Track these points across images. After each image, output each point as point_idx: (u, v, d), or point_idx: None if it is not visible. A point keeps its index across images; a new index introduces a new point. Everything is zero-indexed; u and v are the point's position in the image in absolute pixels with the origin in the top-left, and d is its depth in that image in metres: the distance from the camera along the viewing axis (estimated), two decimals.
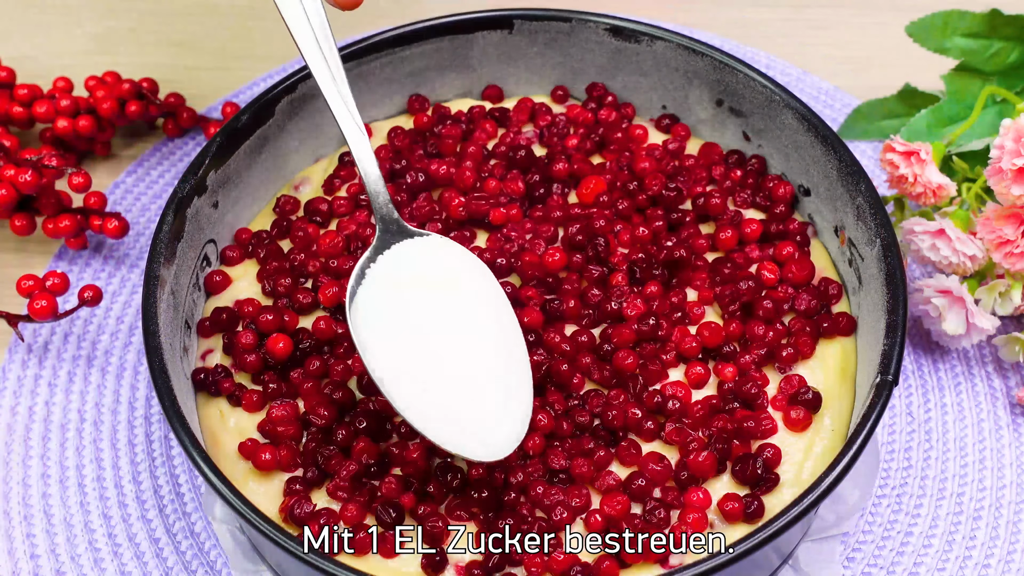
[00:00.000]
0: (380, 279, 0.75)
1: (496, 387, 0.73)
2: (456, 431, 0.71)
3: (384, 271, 0.75)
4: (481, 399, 0.72)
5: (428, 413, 0.71)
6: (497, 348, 0.74)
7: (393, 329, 0.73)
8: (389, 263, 0.76)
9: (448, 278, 0.76)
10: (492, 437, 0.71)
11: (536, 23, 0.95)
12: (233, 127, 0.87)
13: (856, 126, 1.08)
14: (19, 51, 1.16)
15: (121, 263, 1.02)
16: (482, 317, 0.75)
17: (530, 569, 0.73)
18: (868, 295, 0.82)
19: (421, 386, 0.71)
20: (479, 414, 0.72)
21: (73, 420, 0.92)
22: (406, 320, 0.73)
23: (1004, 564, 0.85)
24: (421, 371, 0.72)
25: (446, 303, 0.75)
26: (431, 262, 0.76)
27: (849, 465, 0.71)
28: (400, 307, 0.74)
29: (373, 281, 0.75)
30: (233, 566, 0.82)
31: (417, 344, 0.72)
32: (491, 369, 0.73)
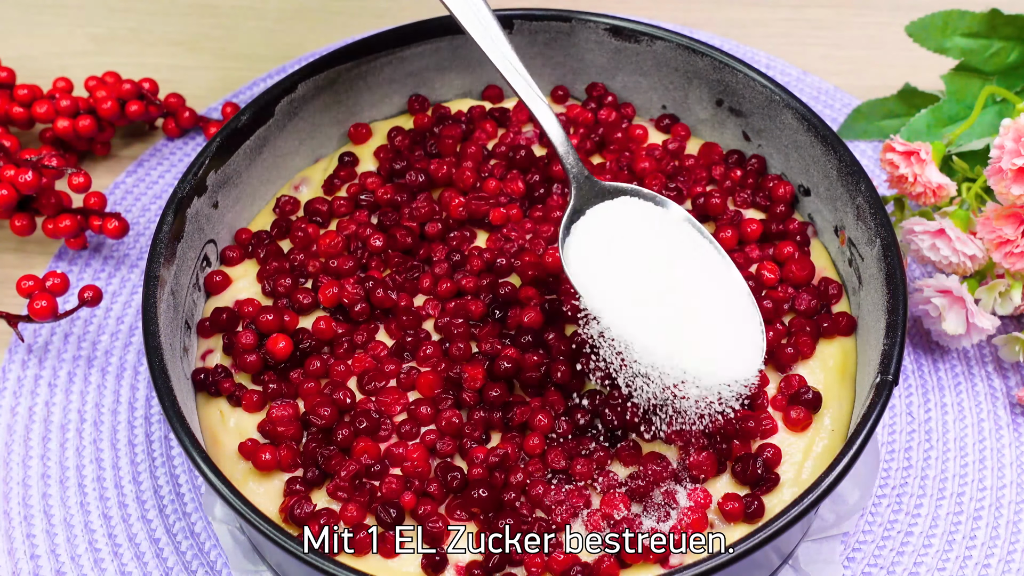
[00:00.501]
0: (587, 232, 0.78)
1: (723, 317, 0.75)
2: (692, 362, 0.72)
3: (590, 225, 0.79)
4: (711, 331, 0.74)
5: (656, 350, 0.72)
6: (714, 281, 0.76)
7: (607, 274, 0.75)
8: (592, 220, 0.79)
9: (651, 228, 0.78)
10: (729, 364, 0.73)
11: (536, 23, 0.95)
12: (233, 127, 0.87)
13: (856, 126, 1.08)
14: (19, 51, 1.16)
15: (121, 263, 1.02)
16: (690, 257, 0.77)
17: (530, 569, 0.73)
18: (868, 295, 0.82)
19: (643, 324, 0.73)
20: (711, 345, 0.73)
21: (73, 420, 0.92)
22: (619, 266, 0.76)
23: (1004, 564, 0.85)
24: (641, 310, 0.73)
25: (653, 249, 0.77)
26: (631, 217, 0.79)
27: (849, 465, 0.71)
28: (610, 256, 0.76)
29: (583, 233, 0.78)
30: (233, 566, 0.82)
31: (634, 286, 0.74)
32: (713, 302, 0.75)
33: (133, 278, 1.00)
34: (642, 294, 0.74)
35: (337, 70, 0.92)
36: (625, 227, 0.78)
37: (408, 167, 0.92)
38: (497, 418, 0.79)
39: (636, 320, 0.73)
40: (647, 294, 0.74)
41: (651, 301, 0.74)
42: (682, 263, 0.76)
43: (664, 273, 0.75)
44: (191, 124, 1.09)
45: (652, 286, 0.74)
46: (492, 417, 0.79)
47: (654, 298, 0.74)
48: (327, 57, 0.92)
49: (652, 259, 0.76)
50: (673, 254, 0.77)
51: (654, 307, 0.74)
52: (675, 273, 0.76)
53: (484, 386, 0.79)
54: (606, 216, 0.79)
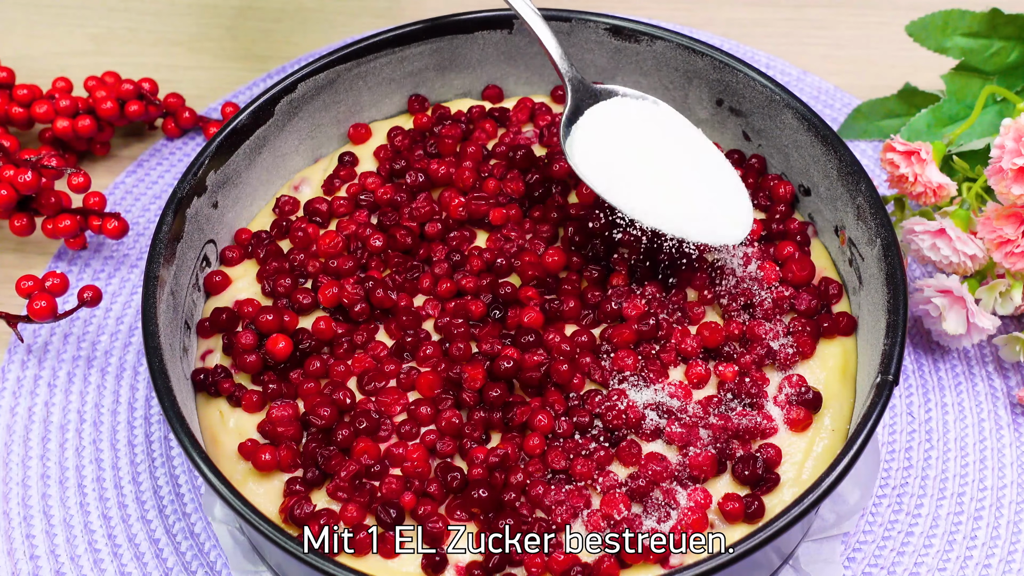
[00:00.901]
0: (587, 129, 0.84)
1: (713, 189, 0.83)
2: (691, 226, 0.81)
3: (588, 124, 0.85)
4: (705, 199, 0.82)
5: (658, 214, 0.81)
6: (703, 160, 0.84)
7: (609, 162, 0.83)
8: (590, 119, 0.85)
9: (644, 120, 0.85)
10: (722, 227, 0.82)
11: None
12: (233, 127, 0.87)
13: (856, 126, 1.08)
14: (19, 51, 1.16)
15: (121, 263, 1.01)
16: (681, 143, 0.85)
17: (530, 569, 0.73)
18: (868, 295, 0.82)
19: (645, 198, 0.81)
20: (707, 210, 0.82)
21: (73, 421, 0.92)
22: (618, 154, 0.83)
23: (1005, 564, 0.85)
24: (640, 188, 0.81)
25: (648, 138, 0.84)
26: (626, 112, 0.86)
27: (849, 465, 0.71)
28: (610, 147, 0.83)
29: (583, 131, 0.84)
30: (233, 566, 0.82)
31: (634, 169, 0.82)
32: (703, 178, 0.83)
33: (133, 278, 1.00)
34: (642, 175, 0.82)
35: (337, 70, 0.92)
36: (621, 122, 0.85)
37: (408, 167, 0.92)
38: (497, 418, 0.79)
39: (639, 197, 0.81)
40: (647, 175, 0.82)
41: (650, 181, 0.82)
42: (674, 148, 0.84)
43: (659, 157, 0.83)
44: (191, 124, 1.09)
45: (650, 168, 0.82)
46: (492, 417, 0.79)
47: (652, 178, 0.82)
48: (327, 57, 0.92)
49: (648, 146, 0.83)
50: (666, 141, 0.84)
51: (653, 186, 0.82)
52: (669, 156, 0.83)
53: (484, 386, 0.79)
54: (603, 114, 0.85)
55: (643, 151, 0.83)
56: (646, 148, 0.83)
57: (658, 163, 0.83)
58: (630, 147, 0.83)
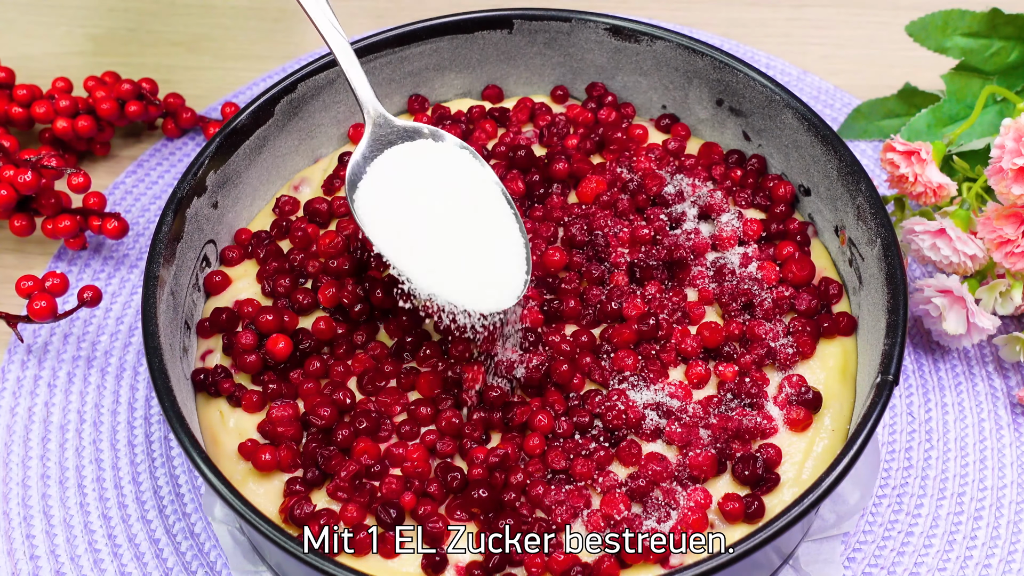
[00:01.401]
0: (379, 175, 0.81)
1: (492, 254, 0.79)
2: (460, 290, 0.77)
3: (382, 168, 0.81)
4: (480, 263, 0.78)
5: (432, 278, 0.77)
6: (489, 221, 0.80)
7: (393, 213, 0.79)
8: (387, 162, 0.81)
9: (440, 171, 0.81)
10: (493, 294, 0.77)
11: (536, 23, 0.95)
12: (233, 127, 0.87)
13: (856, 125, 1.08)
14: (19, 51, 1.16)
15: (121, 264, 1.01)
16: (473, 198, 0.81)
17: (530, 569, 0.73)
18: (868, 295, 0.82)
19: (422, 257, 0.77)
20: (479, 276, 0.78)
21: (73, 421, 0.92)
22: (404, 205, 0.79)
23: (1005, 564, 0.85)
24: (421, 245, 0.78)
25: (440, 190, 0.80)
26: (424, 159, 0.82)
27: (850, 465, 0.71)
28: (398, 196, 0.80)
29: (374, 176, 0.81)
30: (233, 566, 0.82)
31: (415, 224, 0.78)
32: (485, 239, 0.79)
33: (133, 278, 1.00)
34: (418, 234, 0.78)
35: (337, 70, 0.92)
36: (409, 170, 0.81)
37: None
38: (497, 418, 0.79)
39: (413, 257, 0.77)
40: (422, 234, 0.78)
41: (424, 240, 0.78)
42: (459, 204, 0.80)
43: (441, 213, 0.79)
44: (191, 124, 1.09)
45: (429, 226, 0.78)
46: (492, 417, 0.79)
47: (427, 237, 0.78)
48: (327, 57, 0.92)
49: (430, 202, 0.79)
50: (452, 194, 0.80)
51: (427, 245, 0.78)
52: (451, 213, 0.79)
53: (484, 386, 0.79)
54: (392, 161, 0.82)
55: (425, 206, 0.79)
56: (429, 203, 0.79)
57: (438, 221, 0.79)
58: (413, 201, 0.80)
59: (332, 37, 0.82)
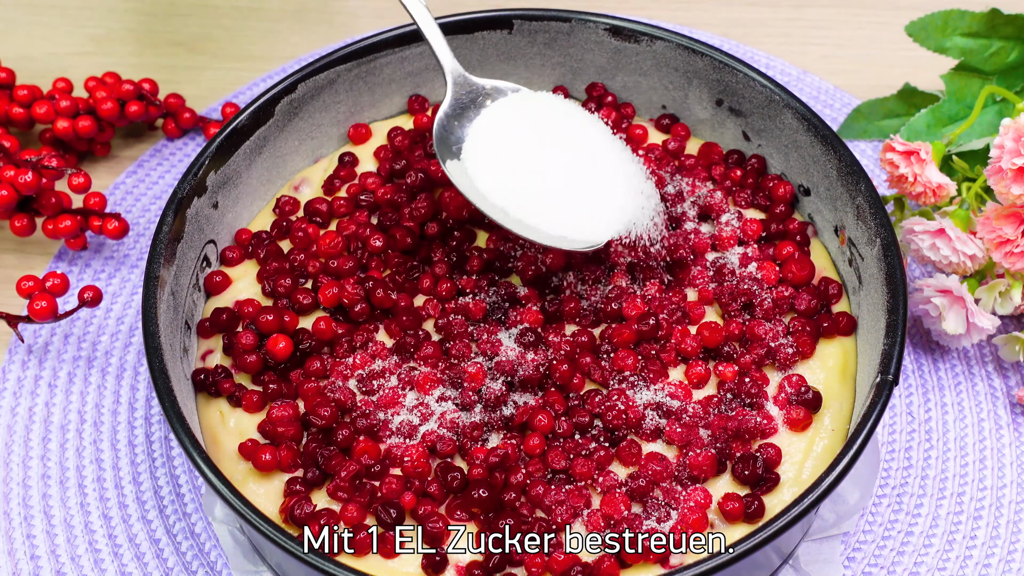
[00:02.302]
0: (481, 131, 0.84)
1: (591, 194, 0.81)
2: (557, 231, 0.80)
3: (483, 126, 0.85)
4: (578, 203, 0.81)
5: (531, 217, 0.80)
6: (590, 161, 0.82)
7: (498, 160, 0.82)
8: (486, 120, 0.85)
9: (538, 117, 0.84)
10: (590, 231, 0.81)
11: (536, 23, 0.95)
12: (233, 127, 0.87)
13: (856, 125, 1.08)
14: (19, 51, 1.17)
15: (121, 264, 1.02)
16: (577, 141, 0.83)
17: (530, 569, 0.73)
18: (868, 295, 0.82)
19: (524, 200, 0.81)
20: (578, 215, 0.81)
21: (73, 421, 0.92)
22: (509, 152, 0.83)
23: (1005, 564, 0.85)
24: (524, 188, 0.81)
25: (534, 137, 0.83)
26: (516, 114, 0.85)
27: (849, 465, 0.71)
28: (502, 145, 0.83)
29: (477, 132, 0.84)
30: (233, 566, 0.82)
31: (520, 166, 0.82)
32: (585, 180, 0.82)
33: (133, 278, 1.00)
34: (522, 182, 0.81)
35: (337, 70, 0.93)
36: (510, 124, 0.84)
37: (408, 167, 0.92)
38: (497, 418, 0.79)
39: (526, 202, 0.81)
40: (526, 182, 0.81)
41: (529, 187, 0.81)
42: (560, 147, 0.83)
43: (541, 159, 0.82)
44: (191, 124, 1.09)
45: (530, 173, 0.81)
46: (492, 417, 0.79)
47: (531, 184, 0.81)
48: (327, 57, 0.92)
49: (532, 149, 0.82)
50: (553, 138, 0.83)
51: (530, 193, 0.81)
52: (552, 157, 0.82)
53: (484, 386, 0.79)
54: (494, 118, 0.85)
55: (527, 154, 0.82)
56: (530, 151, 0.82)
57: (538, 167, 0.82)
58: (515, 151, 0.83)
59: (412, 3, 0.86)
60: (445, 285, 0.85)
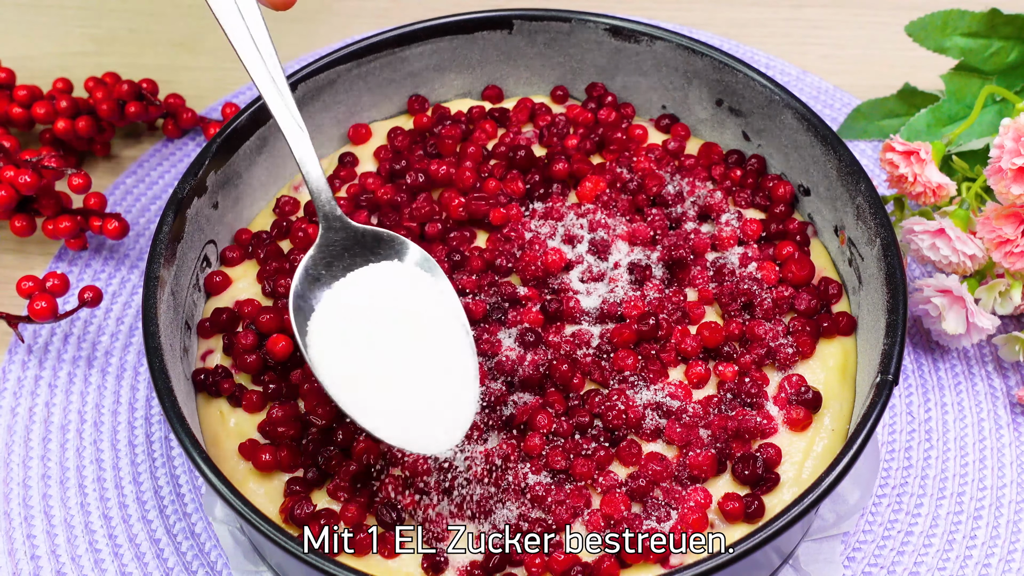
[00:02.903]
0: (336, 302, 0.76)
1: (437, 392, 0.74)
2: (399, 429, 0.72)
3: (339, 296, 0.76)
4: (423, 402, 0.73)
5: (373, 412, 0.72)
6: (440, 357, 0.75)
7: (344, 341, 0.74)
8: (347, 289, 0.76)
9: (398, 298, 0.76)
10: (433, 434, 0.73)
11: (536, 23, 0.95)
12: (233, 127, 0.87)
13: (856, 125, 1.08)
14: (19, 51, 1.17)
15: (121, 264, 1.02)
16: (429, 330, 0.75)
17: (530, 569, 0.73)
18: (868, 295, 0.82)
19: (367, 392, 0.72)
20: (421, 415, 0.73)
21: (73, 421, 0.92)
22: (357, 333, 0.74)
23: (1005, 563, 0.85)
24: (368, 378, 0.73)
25: (396, 319, 0.75)
26: (386, 286, 0.77)
27: (849, 465, 0.71)
28: (352, 323, 0.75)
29: (330, 303, 0.75)
30: (233, 566, 0.82)
31: (366, 354, 0.73)
32: (433, 376, 0.74)
33: (133, 278, 1.00)
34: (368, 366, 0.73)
35: (337, 70, 0.93)
36: (371, 297, 0.76)
37: (408, 167, 0.92)
38: (497, 418, 0.79)
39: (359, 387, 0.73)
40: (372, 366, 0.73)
41: (375, 372, 0.73)
42: (409, 336, 0.75)
43: (389, 348, 0.74)
44: (191, 124, 1.09)
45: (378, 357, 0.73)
46: (492, 417, 0.79)
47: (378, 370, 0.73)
48: (327, 57, 0.92)
49: (380, 336, 0.74)
50: (402, 326, 0.75)
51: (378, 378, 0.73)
52: (399, 348, 0.74)
53: (484, 386, 0.79)
54: (359, 285, 0.76)
55: (375, 342, 0.74)
56: (379, 338, 0.74)
57: (385, 357, 0.73)
58: (364, 336, 0.74)
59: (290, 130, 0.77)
60: None
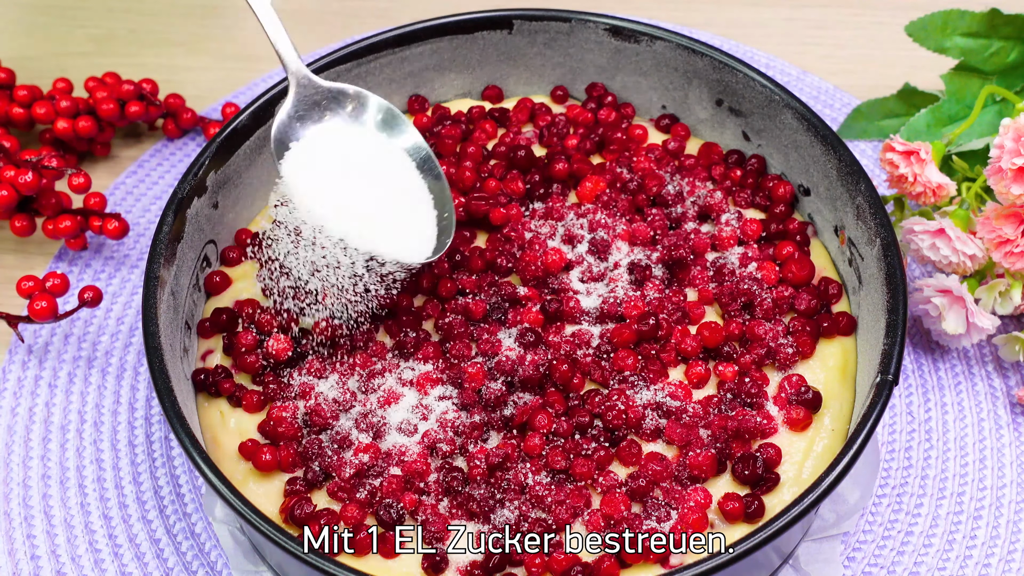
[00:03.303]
0: (309, 145, 0.83)
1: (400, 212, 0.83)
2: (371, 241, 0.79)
3: (312, 140, 0.84)
4: (401, 223, 0.82)
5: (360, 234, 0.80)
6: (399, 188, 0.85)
7: (316, 173, 0.82)
8: (317, 136, 0.84)
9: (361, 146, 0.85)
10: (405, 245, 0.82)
11: (536, 23, 0.95)
12: (233, 127, 0.87)
13: (856, 125, 1.08)
14: (19, 51, 1.17)
15: (121, 264, 1.02)
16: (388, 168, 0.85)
17: (530, 569, 0.73)
18: (868, 295, 0.82)
19: (341, 211, 0.80)
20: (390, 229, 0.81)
21: (73, 421, 0.92)
22: (326, 169, 0.82)
23: (1005, 563, 0.85)
24: (340, 201, 0.81)
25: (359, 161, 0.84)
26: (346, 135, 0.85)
27: (849, 465, 0.71)
28: (322, 160, 0.83)
29: (304, 145, 0.83)
30: (233, 567, 0.82)
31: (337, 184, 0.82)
32: (395, 202, 0.83)
33: (133, 279, 1.00)
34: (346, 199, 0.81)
35: (337, 70, 0.92)
36: (330, 147, 0.84)
37: None
38: (497, 418, 0.79)
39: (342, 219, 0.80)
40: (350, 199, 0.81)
41: (352, 203, 0.81)
42: (374, 172, 0.84)
43: (361, 182, 0.83)
44: (191, 124, 1.09)
45: (353, 192, 0.82)
46: (492, 417, 0.79)
47: (353, 201, 0.81)
48: (327, 57, 0.92)
49: (351, 172, 0.83)
50: (367, 165, 0.84)
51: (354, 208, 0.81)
52: (369, 181, 0.83)
53: (484, 386, 0.79)
54: (314, 140, 0.84)
55: (347, 177, 0.83)
56: (350, 174, 0.83)
57: (359, 188, 0.82)
58: (337, 172, 0.83)
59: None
60: (445, 285, 0.85)
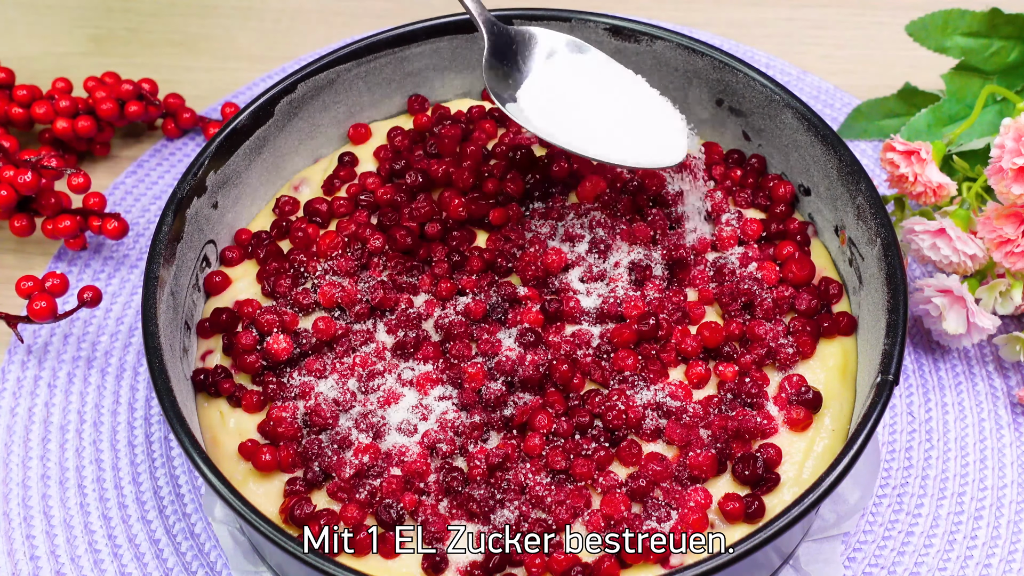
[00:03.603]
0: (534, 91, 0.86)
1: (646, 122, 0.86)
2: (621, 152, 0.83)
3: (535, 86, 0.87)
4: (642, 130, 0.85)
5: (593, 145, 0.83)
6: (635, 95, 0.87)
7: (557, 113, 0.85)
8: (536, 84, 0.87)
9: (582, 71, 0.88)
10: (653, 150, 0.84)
11: (536, 23, 0.95)
12: (233, 127, 0.87)
13: (856, 125, 1.08)
14: (19, 51, 1.17)
15: (121, 264, 1.01)
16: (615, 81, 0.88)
17: (530, 569, 0.73)
18: (868, 295, 0.82)
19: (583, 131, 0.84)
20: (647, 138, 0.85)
21: (73, 421, 0.92)
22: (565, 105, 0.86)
23: (1005, 564, 0.85)
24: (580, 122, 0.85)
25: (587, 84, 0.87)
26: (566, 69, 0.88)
27: (850, 465, 0.71)
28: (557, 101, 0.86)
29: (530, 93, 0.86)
30: (233, 567, 0.82)
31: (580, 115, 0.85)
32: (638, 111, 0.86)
33: (133, 279, 1.00)
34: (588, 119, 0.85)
35: (337, 70, 0.92)
36: (564, 79, 0.87)
37: (408, 167, 0.92)
38: (497, 418, 0.79)
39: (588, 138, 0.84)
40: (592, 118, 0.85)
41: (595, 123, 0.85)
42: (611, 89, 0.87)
43: (600, 100, 0.86)
44: (191, 124, 1.09)
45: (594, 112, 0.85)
46: (492, 417, 0.79)
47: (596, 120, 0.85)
48: (327, 57, 0.92)
49: (589, 93, 0.86)
50: (602, 83, 0.87)
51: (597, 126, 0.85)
52: (608, 98, 0.86)
53: (484, 386, 0.79)
54: (547, 78, 0.87)
55: (586, 99, 0.86)
56: (588, 96, 0.86)
57: (599, 106, 0.86)
58: (576, 98, 0.86)
59: None
60: (445, 285, 0.85)
